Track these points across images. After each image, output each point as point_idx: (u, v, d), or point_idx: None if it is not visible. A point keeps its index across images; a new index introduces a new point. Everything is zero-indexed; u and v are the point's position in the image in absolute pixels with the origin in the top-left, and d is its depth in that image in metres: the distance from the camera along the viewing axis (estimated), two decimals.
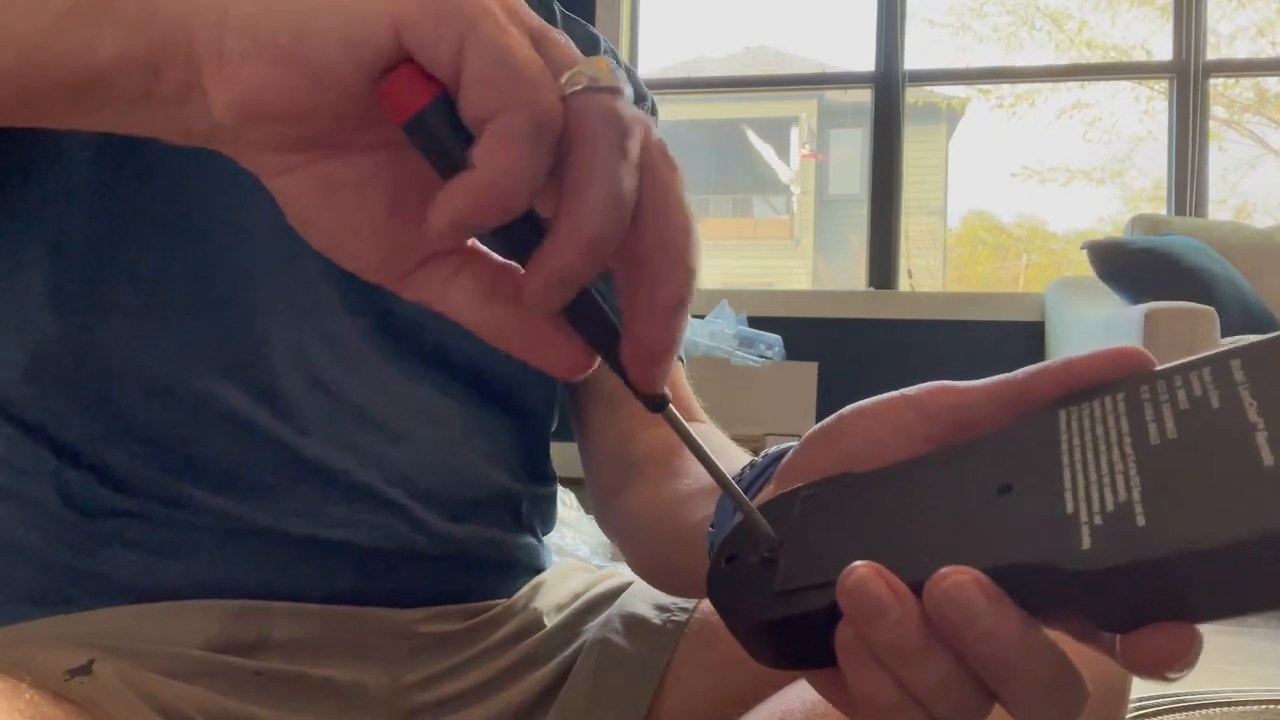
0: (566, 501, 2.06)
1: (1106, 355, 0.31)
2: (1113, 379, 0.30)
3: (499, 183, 0.26)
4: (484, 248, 0.31)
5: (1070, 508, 0.26)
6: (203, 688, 0.48)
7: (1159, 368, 0.30)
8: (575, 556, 1.71)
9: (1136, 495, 0.25)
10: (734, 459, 0.52)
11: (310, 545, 0.53)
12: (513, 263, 0.30)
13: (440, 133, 0.27)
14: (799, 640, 0.30)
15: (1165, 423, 0.27)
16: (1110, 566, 0.24)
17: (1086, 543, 0.25)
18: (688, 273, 0.28)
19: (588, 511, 1.77)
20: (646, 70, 3.88)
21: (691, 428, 0.32)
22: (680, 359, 0.67)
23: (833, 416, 0.36)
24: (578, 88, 0.27)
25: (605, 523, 0.65)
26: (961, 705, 0.28)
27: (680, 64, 4.82)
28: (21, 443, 0.53)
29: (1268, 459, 0.24)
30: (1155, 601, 0.24)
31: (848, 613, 0.28)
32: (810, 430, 0.37)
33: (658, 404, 0.30)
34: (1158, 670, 0.25)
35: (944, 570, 0.26)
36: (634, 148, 0.27)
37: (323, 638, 0.53)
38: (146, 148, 0.53)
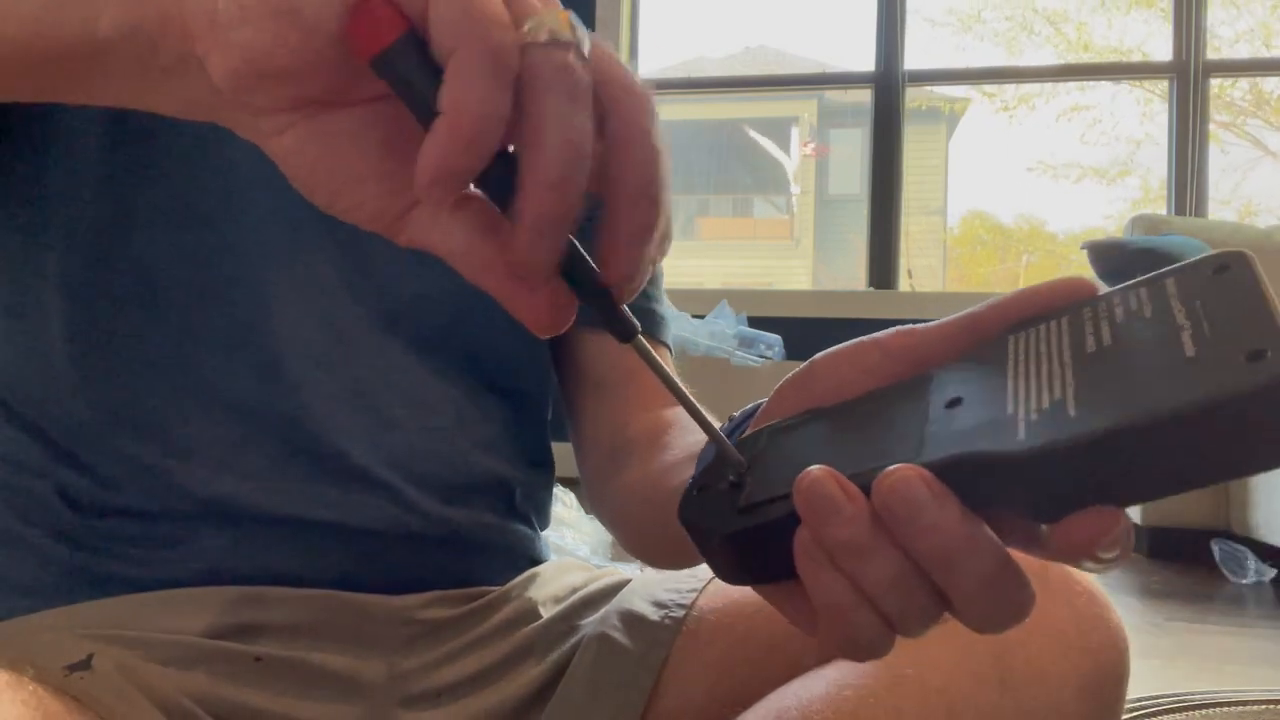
0: (566, 501, 2.06)
1: (1050, 285, 0.33)
2: (1059, 306, 0.32)
3: (461, 122, 0.26)
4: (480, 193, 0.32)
5: (1010, 409, 0.28)
6: (203, 674, 0.49)
7: (1102, 292, 0.32)
8: (575, 556, 1.71)
9: (1070, 393, 0.27)
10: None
11: (304, 527, 0.54)
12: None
13: (407, 71, 0.27)
14: (761, 552, 0.32)
15: (1102, 334, 0.29)
16: (1038, 447, 0.26)
17: (1021, 434, 0.27)
18: (652, 202, 0.29)
19: (588, 512, 1.78)
20: (646, 70, 3.89)
21: (676, 411, 0.33)
22: (668, 346, 0.68)
23: (804, 364, 0.38)
24: (539, 40, 0.27)
25: (599, 508, 0.65)
26: (911, 603, 0.29)
27: (680, 64, 4.83)
28: (20, 440, 0.54)
29: (1189, 350, 0.26)
30: (1081, 484, 0.26)
31: (804, 514, 0.29)
32: (782, 380, 0.39)
33: (627, 333, 0.31)
34: (1088, 550, 0.26)
35: (890, 468, 0.28)
36: (584, 93, 0.28)
37: (319, 623, 0.54)
38: (153, 138, 0.54)
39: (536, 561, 0.66)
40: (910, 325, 0.36)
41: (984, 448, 0.27)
